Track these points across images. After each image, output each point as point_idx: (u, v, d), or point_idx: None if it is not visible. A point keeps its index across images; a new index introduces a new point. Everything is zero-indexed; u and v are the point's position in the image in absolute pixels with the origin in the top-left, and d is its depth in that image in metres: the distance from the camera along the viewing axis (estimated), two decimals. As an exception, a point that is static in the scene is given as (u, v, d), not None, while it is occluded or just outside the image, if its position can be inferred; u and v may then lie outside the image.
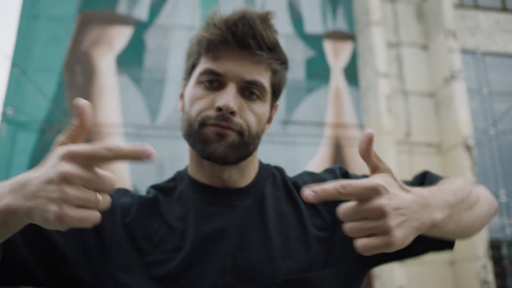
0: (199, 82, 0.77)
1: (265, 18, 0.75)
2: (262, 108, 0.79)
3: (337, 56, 8.83)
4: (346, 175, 0.89)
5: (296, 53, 8.57)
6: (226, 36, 0.73)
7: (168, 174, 4.81)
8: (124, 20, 8.06)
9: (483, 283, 7.51)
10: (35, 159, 7.19)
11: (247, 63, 0.75)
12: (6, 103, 7.28)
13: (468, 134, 8.14)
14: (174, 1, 8.40)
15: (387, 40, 8.98)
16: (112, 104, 7.73)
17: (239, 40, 0.73)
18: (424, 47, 9.23)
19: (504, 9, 9.75)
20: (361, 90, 8.70)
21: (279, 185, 0.86)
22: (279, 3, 8.84)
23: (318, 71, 8.59)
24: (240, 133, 0.75)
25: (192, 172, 0.83)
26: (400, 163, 8.18)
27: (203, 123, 0.74)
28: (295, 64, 8.52)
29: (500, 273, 8.51)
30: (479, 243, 7.60)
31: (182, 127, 0.80)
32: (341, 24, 9.01)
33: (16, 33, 7.63)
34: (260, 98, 0.78)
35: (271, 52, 0.77)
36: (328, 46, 8.82)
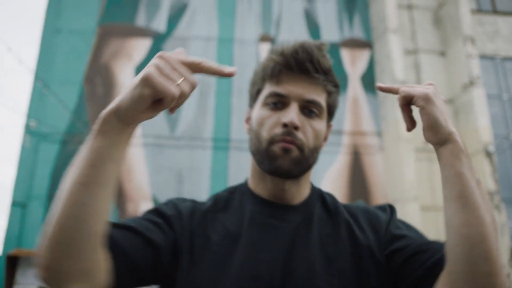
0: (265, 104, 0.88)
1: (320, 47, 0.87)
2: (320, 124, 0.89)
3: (354, 64, 8.88)
4: (394, 212, 0.97)
5: (313, 61, 8.65)
6: (288, 61, 0.85)
7: (187, 184, 5.01)
8: (143, 32, 8.23)
9: (507, 292, 7.44)
10: (57, 170, 7.36)
11: (306, 85, 0.86)
12: (29, 115, 7.49)
13: (488, 141, 8.11)
14: (191, 12, 8.56)
15: (404, 47, 9.01)
16: (132, 115, 7.88)
17: (299, 65, 0.85)
18: (442, 54, 9.24)
19: (523, 13, 9.71)
20: (379, 97, 8.73)
21: (329, 207, 0.94)
22: (296, 12, 8.94)
23: (335, 79, 8.64)
24: (301, 148, 0.84)
25: (252, 186, 0.93)
26: (419, 171, 8.18)
27: (271, 142, 0.84)
28: (312, 72, 8.59)
29: (524, 282, 8.43)
30: (502, 251, 7.54)
31: (250, 145, 0.91)
32: (357, 32, 9.07)
33: (39, 47, 7.85)
34: (318, 115, 0.88)
35: (326, 75, 0.88)
36: (345, 54, 8.88)
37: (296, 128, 0.83)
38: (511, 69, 9.44)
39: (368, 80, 8.84)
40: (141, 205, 7.47)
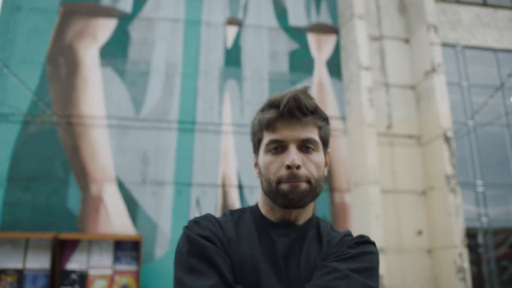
0: (267, 151, 1.03)
1: (305, 92, 1.03)
2: (318, 157, 1.04)
3: (320, 48, 9.08)
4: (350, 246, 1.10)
5: (279, 45, 8.80)
6: (282, 112, 1.00)
7: (152, 166, 5.22)
8: (108, 12, 8.19)
9: (459, 270, 7.88)
10: (18, 151, 7.34)
11: (298, 127, 1.01)
12: (-11, 95, 7.41)
13: (448, 127, 8.47)
14: (158, -7, 8.56)
15: (370, 33, 9.26)
16: (96, 96, 7.89)
17: (290, 113, 0.99)
18: (406, 41, 9.53)
19: (484, 4, 10.08)
20: (344, 82, 8.98)
21: (320, 232, 1.11)
22: (263, -4, 9.04)
23: (301, 63, 8.83)
24: (308, 181, 1.00)
25: (263, 210, 1.11)
26: (381, 154, 8.49)
27: (279, 182, 0.99)
28: (279, 57, 8.75)
29: (475, 261, 8.91)
30: (456, 232, 7.95)
31: (261, 186, 1.06)
32: (324, 17, 9.25)
33: (-2, 25, 7.73)
34: (315, 149, 1.03)
35: (314, 114, 1.03)
36: (312, 39, 9.06)
37: (298, 167, 0.97)
38: (471, 57, 9.83)
39: (334, 65, 9.07)
40: (105, 187, 7.53)
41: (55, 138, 7.56)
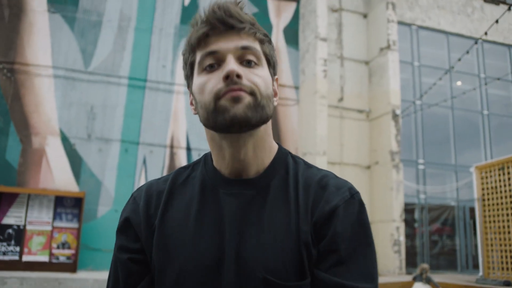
0: (201, 71, 0.85)
1: (236, 3, 0.88)
2: (263, 72, 0.86)
3: (279, 15, 9.22)
4: (352, 208, 0.88)
5: (238, 8, 8.84)
6: (210, 22, 0.84)
7: (99, 121, 5.40)
8: (59, -46, 7.89)
9: (395, 243, 8.50)
10: (-46, 95, 7.07)
11: (234, 37, 0.85)
12: None
13: (397, 104, 8.95)
14: None
15: (329, 4, 9.48)
16: (42, 44, 7.67)
17: (222, 22, 0.84)
18: (365, 16, 9.85)
19: (441, -15, 10.54)
20: (300, 51, 9.20)
21: (289, 177, 0.91)
22: (225, -45, 8.98)
23: (259, 29, 8.92)
24: (252, 93, 0.81)
25: (214, 160, 0.92)
26: (330, 126, 8.86)
27: (217, 98, 0.81)
28: (237, 19, 8.80)
29: (410, 234, 9.64)
30: (395, 207, 8.53)
31: (200, 117, 0.87)
32: (286, -16, 9.35)
33: None
34: (258, 63, 0.86)
35: (252, 25, 0.87)
36: (271, 4, 9.17)
37: (238, 75, 0.80)
38: (424, 38, 10.32)
39: (291, 33, 9.25)
40: (48, 140, 7.43)
41: (-5, 85, 7.33)
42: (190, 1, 8.65)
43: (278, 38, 9.09)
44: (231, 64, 0.81)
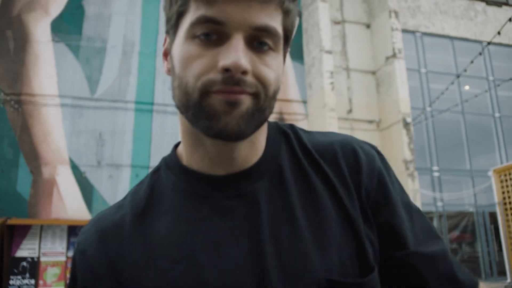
0: (192, 37, 0.61)
1: None
2: (277, 60, 0.63)
3: (282, 31, 9.28)
4: (386, 168, 0.75)
5: (241, 26, 8.93)
6: None
7: (108, 147, 5.34)
8: (60, -16, 8.03)
9: (416, 253, 8.38)
10: (-38, 130, 7.13)
11: (253, 3, 0.59)
12: None
13: (407, 112, 8.95)
14: (115, -34, 8.46)
15: (332, 17, 9.57)
16: (48, 74, 7.74)
17: None
18: (367, 26, 9.92)
19: (443, -9, 10.64)
20: (306, 65, 9.25)
21: (296, 150, 0.72)
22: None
23: (263, 45, 8.99)
24: (255, 95, 0.60)
25: (186, 157, 0.70)
26: (342, 139, 8.83)
27: (205, 91, 0.59)
28: (240, 37, 8.88)
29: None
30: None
31: (174, 95, 0.65)
32: (287, -1, 9.44)
33: None
34: (273, 48, 0.62)
35: None
36: (274, 21, 9.25)
37: (244, 72, 0.58)
38: (429, 44, 10.38)
39: (295, 48, 9.31)
40: (58, 169, 7.45)
41: (3, 118, 7.39)
42: (193, 22, 8.74)
43: (283, 53, 9.14)
44: (238, 53, 0.58)
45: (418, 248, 0.68)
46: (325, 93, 8.54)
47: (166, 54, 0.71)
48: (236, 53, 0.57)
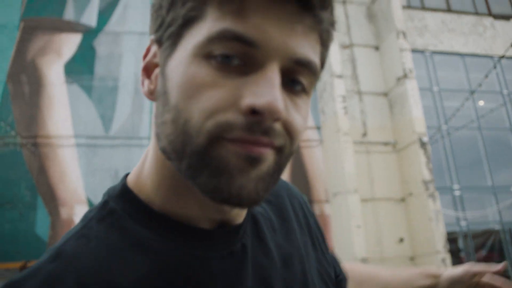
0: (205, 56, 0.45)
1: None
2: (307, 106, 0.51)
3: (291, 58, 9.37)
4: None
5: (250, 56, 9.05)
6: None
7: None
8: (72, 27, 8.23)
9: (443, 275, 8.20)
10: (-20, 176, 7.23)
11: (298, 25, 0.45)
12: None
13: (422, 132, 8.90)
14: (123, 6, 8.67)
15: (340, 41, 9.66)
16: (62, 115, 7.87)
17: None
18: (376, 48, 9.99)
19: (448, 9, 10.72)
20: (318, 91, 9.30)
21: (270, 198, 0.68)
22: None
23: (273, 74, 9.08)
24: (280, 150, 0.47)
25: (161, 201, 0.53)
26: (358, 163, 8.81)
27: (217, 137, 0.44)
28: (250, 67, 8.99)
29: (458, 265, 9.29)
30: (437, 237, 8.31)
31: (159, 131, 0.50)
32: (294, 27, 9.58)
33: (-46, 43, 7.65)
34: (307, 90, 0.49)
35: (331, 12, 0.49)
36: (282, 49, 9.35)
37: (277, 119, 0.44)
38: (440, 62, 10.39)
39: (306, 75, 9.36)
40: (76, 209, 7.49)
41: (20, 161, 7.48)
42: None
43: (293, 80, 9.21)
44: (275, 91, 0.42)
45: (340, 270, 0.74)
46: (338, 117, 8.55)
47: (151, 69, 0.53)
48: (272, 91, 0.42)
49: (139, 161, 0.59)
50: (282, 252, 0.61)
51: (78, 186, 7.65)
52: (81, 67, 8.13)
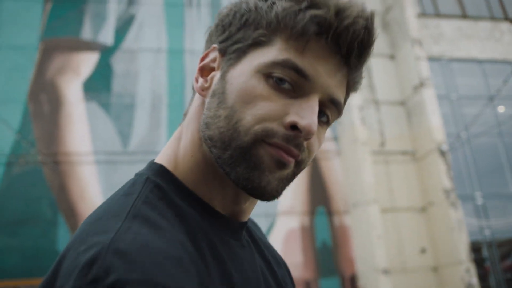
0: (266, 75, 0.57)
1: (374, 20, 0.60)
2: (325, 134, 0.64)
3: (306, 70, 9.42)
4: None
5: (265, 69, 9.12)
6: (333, 24, 0.56)
7: None
8: (89, 46, 8.43)
9: (468, 286, 8.07)
10: (2, 194, 7.38)
11: (338, 73, 0.59)
12: (-31, 138, 7.49)
13: (441, 140, 8.82)
14: (139, 24, 8.86)
15: (355, 51, 9.66)
16: (81, 132, 8.03)
17: (345, 39, 0.57)
18: (392, 57, 9.98)
19: (464, 16, 10.66)
20: (333, 102, 9.30)
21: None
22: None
23: (289, 86, 9.14)
24: (300, 163, 0.60)
25: (203, 193, 0.63)
26: (377, 173, 8.76)
27: (260, 139, 0.56)
28: (265, 80, 9.05)
29: (482, 275, 9.13)
30: (460, 247, 8.19)
31: (209, 122, 0.60)
32: (308, 39, 9.64)
33: (-23, 65, 7.89)
34: (329, 123, 0.64)
35: (361, 71, 0.64)
36: (297, 61, 9.41)
37: (308, 138, 0.56)
38: (457, 70, 10.32)
39: (322, 86, 9.39)
40: (96, 226, 7.58)
41: (41, 178, 7.63)
42: (218, 70, 8.97)
43: (309, 92, 9.25)
44: (314, 117, 0.55)
45: None
46: (356, 128, 8.54)
47: (207, 70, 0.64)
48: (312, 116, 0.55)
49: (166, 145, 0.70)
50: (270, 254, 0.72)
51: (98, 203, 7.74)
52: (98, 84, 8.29)
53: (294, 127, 0.55)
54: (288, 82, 0.56)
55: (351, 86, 0.63)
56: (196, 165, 0.62)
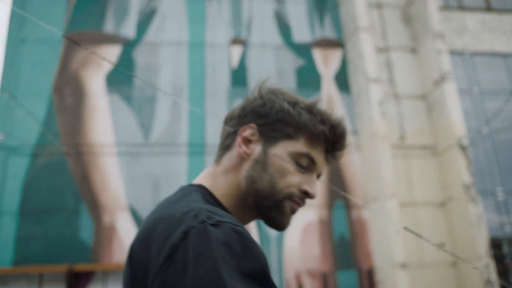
0: (294, 159, 0.93)
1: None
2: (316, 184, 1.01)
3: (327, 63, 9.45)
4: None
5: (286, 63, 9.17)
6: (333, 139, 0.97)
7: (164, 192, 5.58)
8: (111, 39, 8.60)
9: (487, 282, 8.05)
10: (28, 184, 7.62)
11: (326, 164, 1.00)
12: (-4, 129, 7.74)
13: (462, 134, 8.76)
14: (161, 18, 8.98)
15: (376, 45, 9.64)
16: (104, 124, 8.21)
17: (334, 147, 0.98)
18: (413, 51, 9.91)
19: (488, 8, 10.51)
20: (353, 96, 9.31)
21: None
22: (266, 14, 9.46)
23: (308, 79, 9.18)
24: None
25: (237, 215, 0.94)
26: (396, 167, 8.76)
27: (287, 197, 0.92)
28: (285, 74, 9.11)
29: (502, 271, 9.08)
30: (480, 243, 8.15)
31: (257, 181, 0.93)
32: (329, 32, 9.66)
33: (3, 58, 8.11)
34: (319, 178, 1.01)
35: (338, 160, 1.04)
36: (318, 54, 9.44)
37: (312, 199, 0.94)
38: (480, 64, 10.20)
39: (342, 79, 9.42)
40: (118, 216, 7.78)
41: (64, 169, 7.85)
42: (239, 64, 9.06)
43: (329, 86, 9.28)
44: (316, 188, 0.94)
45: None
46: (375, 122, 8.54)
47: (248, 141, 0.96)
48: (315, 187, 0.94)
49: (204, 172, 1.03)
50: None
51: (120, 193, 7.94)
52: (121, 78, 8.46)
53: (306, 193, 0.92)
54: (304, 166, 0.93)
55: (330, 162, 1.01)
56: (233, 198, 0.94)
